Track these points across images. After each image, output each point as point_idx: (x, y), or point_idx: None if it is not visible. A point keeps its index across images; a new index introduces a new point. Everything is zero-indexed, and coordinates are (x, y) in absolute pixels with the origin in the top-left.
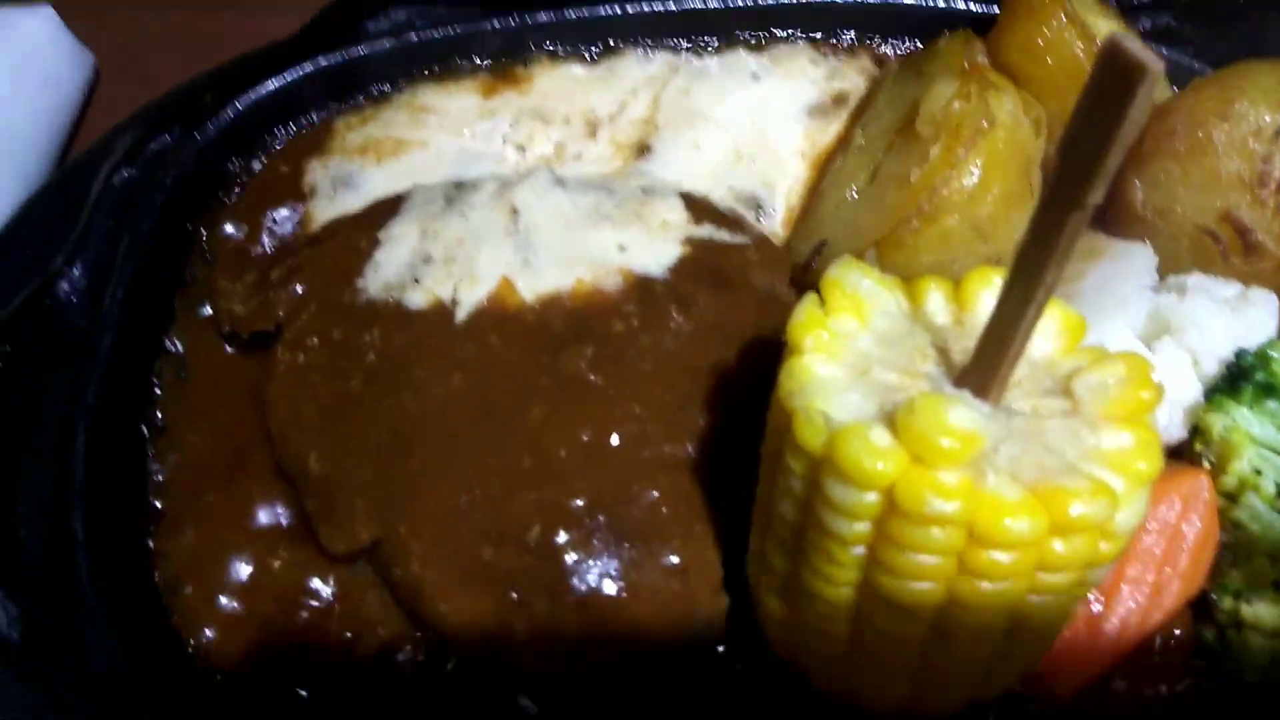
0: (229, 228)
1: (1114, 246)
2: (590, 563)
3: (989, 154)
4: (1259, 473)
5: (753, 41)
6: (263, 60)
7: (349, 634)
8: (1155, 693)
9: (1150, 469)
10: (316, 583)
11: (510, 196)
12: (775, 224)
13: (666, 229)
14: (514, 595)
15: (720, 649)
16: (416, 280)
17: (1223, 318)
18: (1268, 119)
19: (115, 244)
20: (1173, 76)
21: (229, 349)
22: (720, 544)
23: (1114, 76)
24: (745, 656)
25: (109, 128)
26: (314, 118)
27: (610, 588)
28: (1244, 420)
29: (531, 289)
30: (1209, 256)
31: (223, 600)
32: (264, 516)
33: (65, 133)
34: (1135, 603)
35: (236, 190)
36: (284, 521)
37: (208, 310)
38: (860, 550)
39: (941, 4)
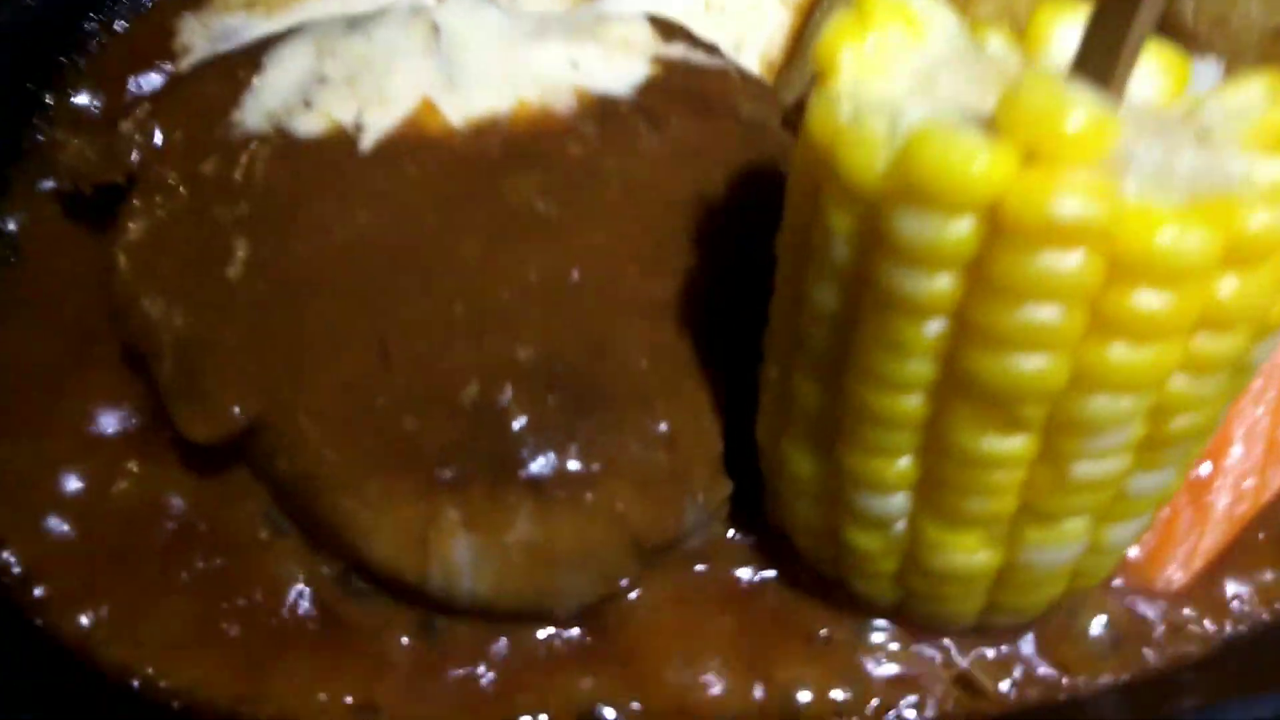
0: (82, 92)
1: None
2: (547, 429)
3: None
4: None
5: None
6: None
7: (217, 562)
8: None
9: None
10: (174, 499)
11: (429, 15)
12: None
13: (629, 46)
14: (446, 474)
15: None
16: (308, 104)
17: None
18: None
19: None
20: None
21: (70, 223)
22: (719, 411)
23: None
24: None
25: None
26: None
27: (574, 461)
28: None
29: (460, 111)
30: None
31: (50, 522)
32: (106, 422)
33: None
34: (1248, 461)
35: (93, 51)
36: (131, 426)
37: (45, 185)
38: (939, 325)
39: None
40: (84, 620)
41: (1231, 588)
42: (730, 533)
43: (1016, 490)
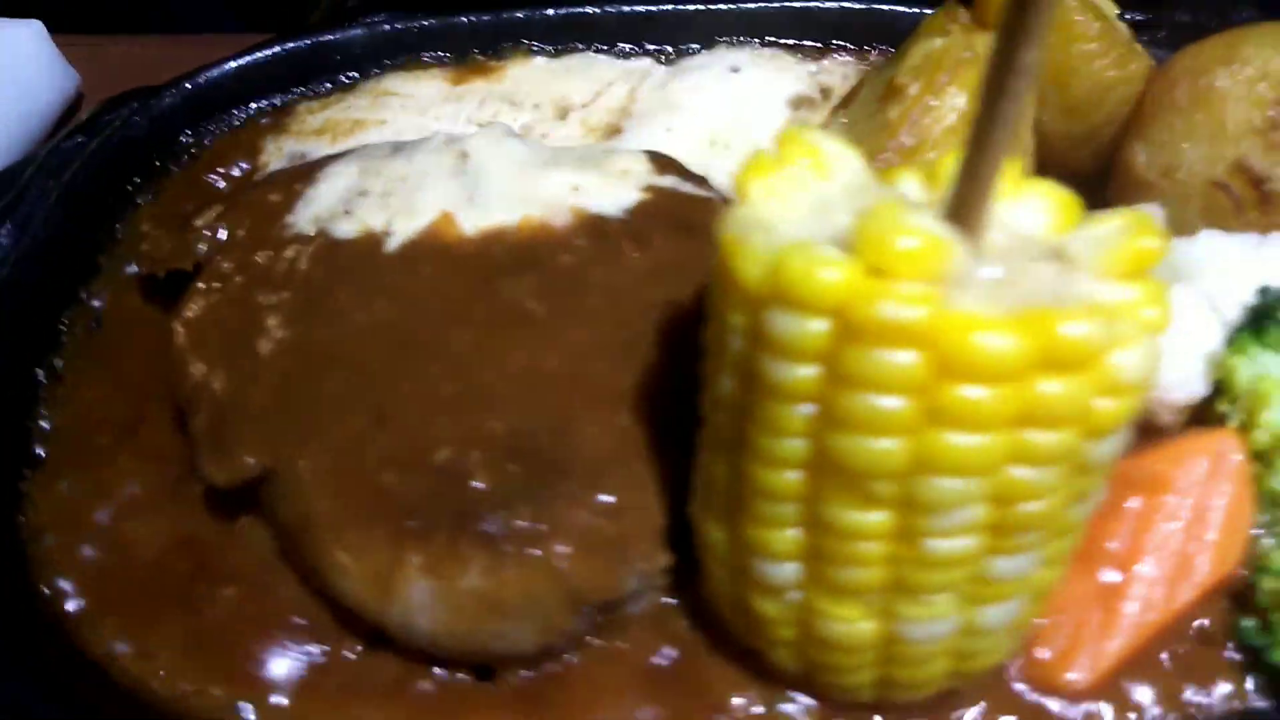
0: (171, 193)
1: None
2: (504, 492)
3: (973, 84)
4: None
5: (740, 44)
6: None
7: (227, 592)
8: (1184, 693)
9: (1159, 318)
10: (196, 538)
11: (461, 144)
12: None
13: (626, 176)
14: (412, 525)
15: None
16: (348, 212)
17: (1243, 258)
18: (1277, 62)
19: (48, 200)
20: None
21: (148, 304)
22: (666, 492)
23: None
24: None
25: None
26: (277, 100)
27: (525, 521)
28: (1272, 366)
29: (474, 223)
30: (1222, 214)
31: (85, 551)
32: (150, 473)
33: (33, 140)
34: (1158, 574)
35: (187, 160)
36: (169, 475)
37: (132, 270)
38: (808, 409)
39: (930, 11)
40: (105, 632)
41: (1136, 693)
42: (670, 603)
43: (883, 563)
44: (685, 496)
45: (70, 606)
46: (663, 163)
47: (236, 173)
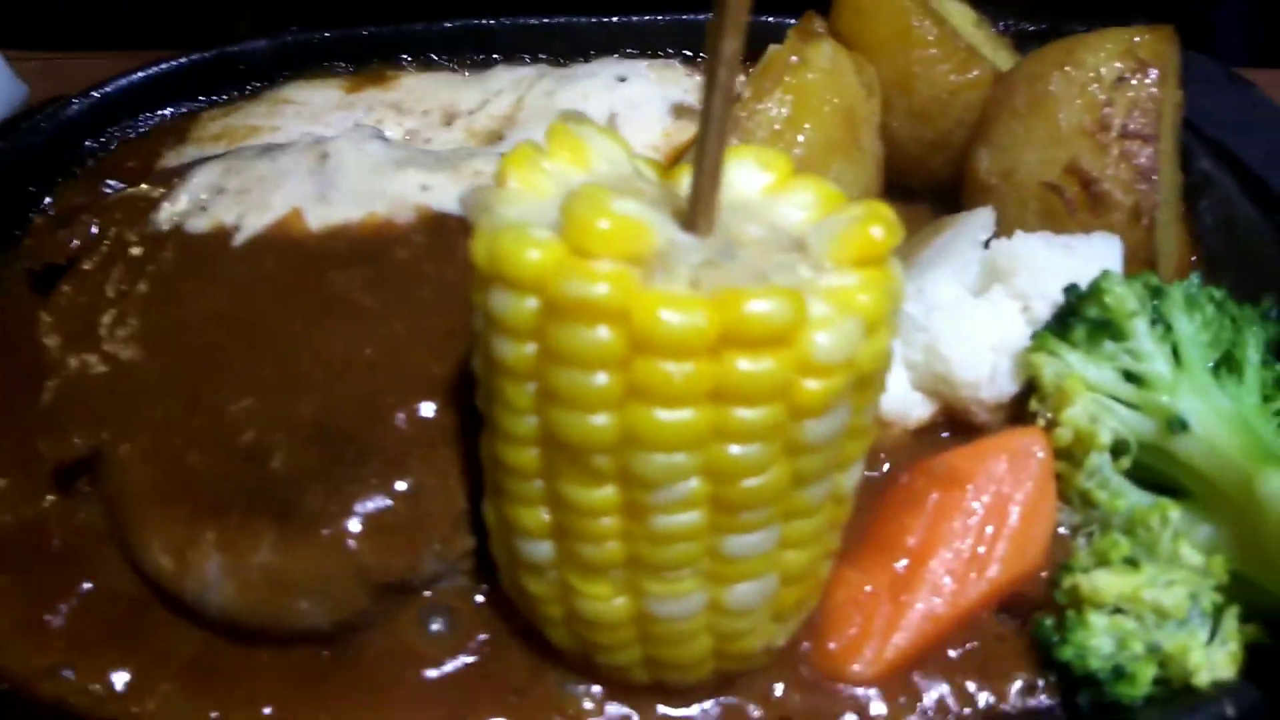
0: (71, 197)
1: (957, 218)
2: (303, 473)
3: (800, 90)
4: (1094, 420)
5: (630, 56)
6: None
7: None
8: (975, 688)
9: (873, 304)
10: (40, 518)
11: (324, 145)
12: None
13: (477, 177)
14: (210, 503)
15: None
16: (204, 209)
17: (1054, 256)
18: (1109, 67)
19: None
20: None
21: (38, 301)
22: (471, 478)
23: None
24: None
25: None
26: (184, 109)
27: (318, 501)
28: (1076, 363)
29: (321, 219)
30: (1056, 215)
31: None
32: (9, 451)
33: None
34: (949, 569)
35: (91, 165)
36: (27, 458)
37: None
38: (532, 387)
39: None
40: None
41: (925, 687)
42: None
43: (619, 538)
44: None
45: None
46: None
47: (136, 178)
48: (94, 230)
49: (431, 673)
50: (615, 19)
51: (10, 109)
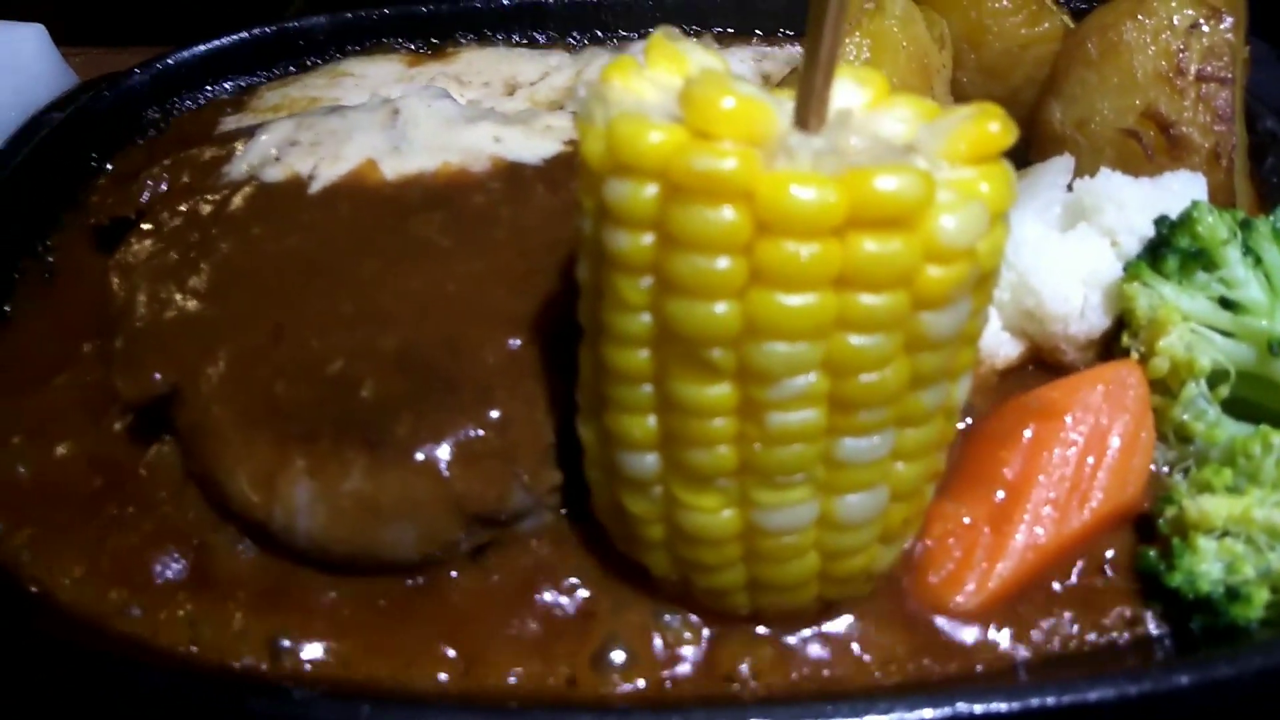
0: (132, 161)
1: (1034, 168)
2: (391, 402)
3: (876, 35)
4: (1190, 349)
5: (690, 33)
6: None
7: (130, 510)
8: (1081, 620)
9: (994, 194)
10: (111, 463)
11: (395, 102)
12: None
13: (549, 131)
14: (298, 430)
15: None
16: (278, 159)
17: (1141, 191)
18: (1184, 13)
19: (11, 163)
20: None
21: (99, 255)
22: (557, 412)
23: None
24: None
25: None
26: (243, 83)
27: (409, 429)
28: (1170, 294)
29: (395, 169)
30: (1134, 161)
31: (17, 468)
32: (74, 404)
33: None
34: (1049, 498)
35: (151, 134)
36: (93, 412)
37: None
38: (647, 281)
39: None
40: (15, 540)
41: (1027, 618)
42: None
43: (732, 442)
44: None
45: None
46: None
47: (196, 144)
48: (164, 185)
49: (520, 608)
50: None
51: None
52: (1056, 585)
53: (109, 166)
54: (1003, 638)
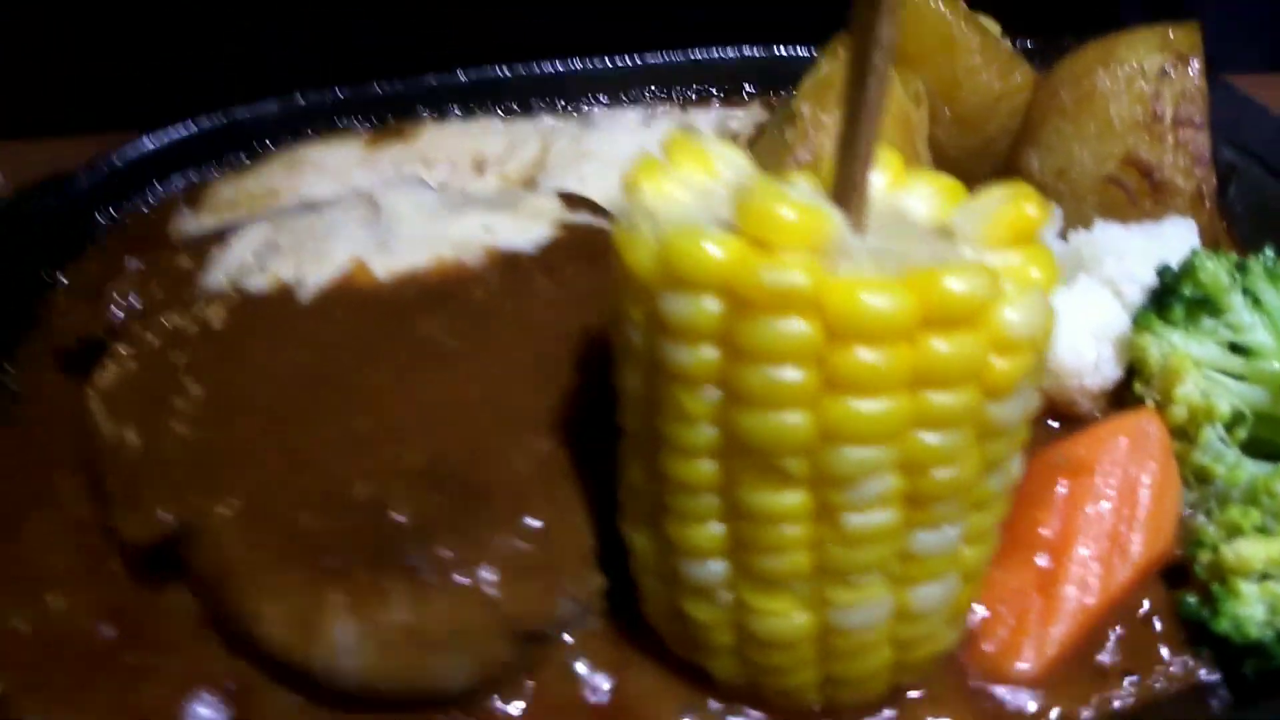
0: (88, 272)
1: None
2: (427, 523)
3: None
4: (1206, 396)
5: (649, 96)
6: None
7: (149, 659)
8: (1134, 672)
9: (1046, 277)
10: (119, 611)
11: (373, 195)
12: None
13: (539, 214)
14: (332, 563)
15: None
16: (261, 268)
17: (1139, 241)
18: (1151, 60)
19: None
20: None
21: (64, 378)
22: (593, 512)
23: None
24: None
25: None
26: (194, 176)
27: (450, 551)
28: (1180, 342)
29: (386, 268)
30: (1118, 207)
31: (5, 625)
32: (68, 545)
33: None
34: (1094, 556)
35: (104, 240)
36: (89, 546)
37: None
38: (713, 393)
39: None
40: (32, 710)
41: (1084, 678)
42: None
43: (807, 547)
44: (612, 516)
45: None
46: (574, 201)
47: (152, 248)
48: (134, 299)
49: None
50: (629, 63)
51: None
52: (1108, 641)
53: (63, 279)
54: (1066, 700)
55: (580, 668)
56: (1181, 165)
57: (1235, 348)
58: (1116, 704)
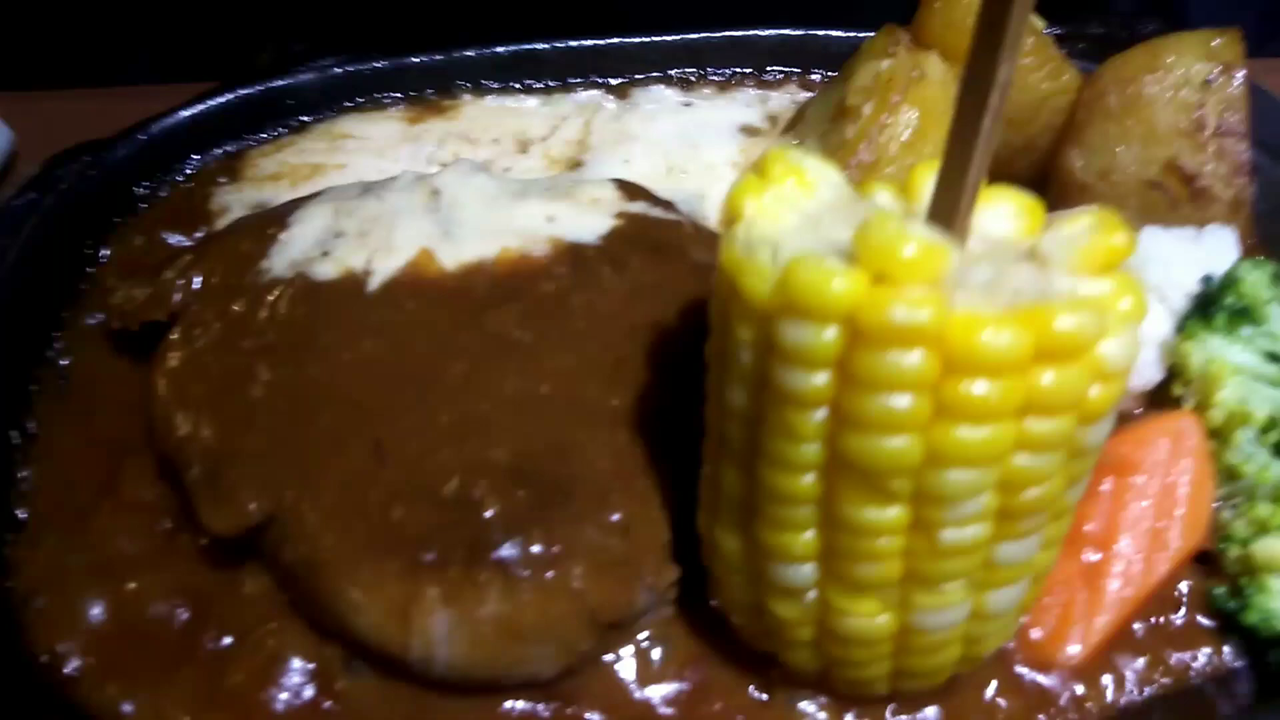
0: (130, 243)
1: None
2: (515, 518)
3: (924, 102)
4: (1244, 401)
5: (687, 76)
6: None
7: (226, 642)
8: (1170, 659)
9: (1135, 308)
10: (193, 589)
11: (431, 181)
12: (710, 227)
13: (597, 204)
14: (426, 556)
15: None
16: (326, 254)
17: (1183, 249)
18: (1196, 68)
19: (7, 260)
20: None
21: (115, 356)
22: (668, 504)
23: None
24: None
25: None
26: (230, 148)
27: (538, 546)
28: (1221, 349)
29: (453, 257)
30: (1158, 210)
31: (83, 612)
32: (138, 528)
33: None
34: (1135, 550)
35: (144, 211)
36: (160, 531)
37: (94, 319)
38: (822, 414)
39: (865, 34)
40: (111, 693)
41: (1124, 664)
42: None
43: (899, 557)
44: (684, 509)
45: (71, 670)
46: (630, 189)
47: (194, 221)
48: (196, 282)
49: (648, 706)
50: (667, 38)
51: (2, 155)
52: (1140, 628)
53: (105, 253)
54: (1108, 685)
55: (655, 654)
56: (1222, 173)
57: (1273, 356)
58: (1149, 690)
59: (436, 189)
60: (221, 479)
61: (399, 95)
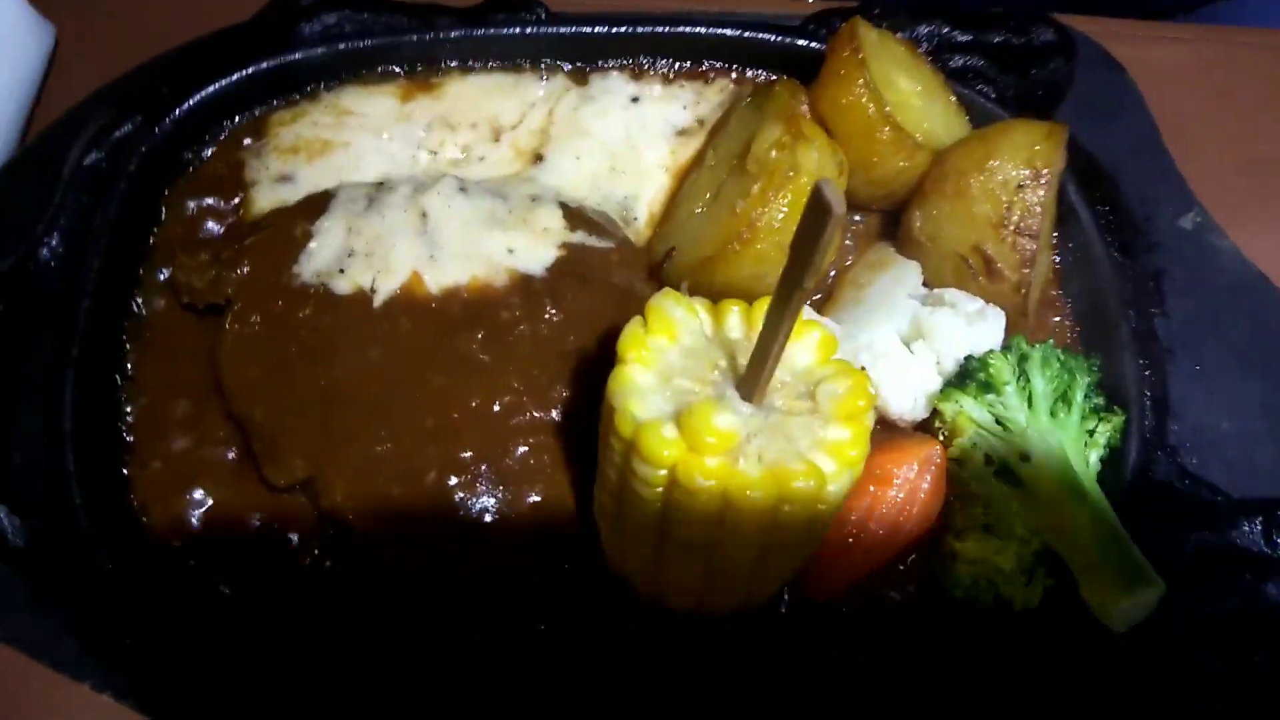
0: (184, 208)
1: (896, 261)
2: (475, 499)
3: (795, 194)
4: (975, 445)
5: (636, 67)
6: (208, 52)
7: (289, 544)
8: (892, 594)
9: (858, 456)
10: (260, 505)
11: (421, 201)
12: (640, 226)
13: (547, 234)
14: (416, 519)
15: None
16: (342, 271)
17: (961, 329)
18: (1013, 173)
19: (88, 219)
20: (971, 112)
21: (180, 309)
22: (576, 488)
23: (818, 208)
24: (589, 571)
25: (68, 97)
26: (254, 112)
27: (489, 514)
28: (968, 407)
29: (436, 281)
30: (964, 276)
31: (183, 518)
32: (216, 453)
33: (29, 102)
34: (880, 533)
35: (191, 173)
36: (232, 457)
37: (163, 275)
38: (660, 493)
39: (801, 42)
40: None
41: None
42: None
43: (702, 564)
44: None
45: (190, 562)
46: (573, 217)
47: (233, 189)
48: (244, 269)
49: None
50: (621, 30)
51: (46, 52)
52: (886, 573)
53: (162, 213)
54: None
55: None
56: (1013, 263)
57: (999, 420)
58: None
59: (425, 212)
60: (278, 450)
61: (392, 69)
